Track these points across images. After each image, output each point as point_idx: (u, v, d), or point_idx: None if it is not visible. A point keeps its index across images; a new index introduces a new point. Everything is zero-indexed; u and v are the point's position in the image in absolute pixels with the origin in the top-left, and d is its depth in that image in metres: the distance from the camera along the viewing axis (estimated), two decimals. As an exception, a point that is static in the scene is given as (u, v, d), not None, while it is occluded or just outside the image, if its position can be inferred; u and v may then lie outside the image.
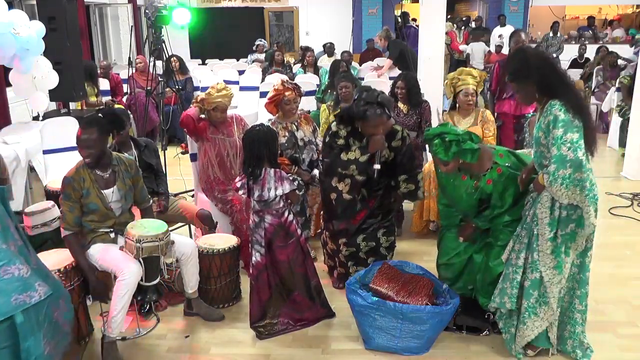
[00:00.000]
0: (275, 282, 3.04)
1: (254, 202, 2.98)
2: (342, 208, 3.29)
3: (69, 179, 2.84)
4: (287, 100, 3.82)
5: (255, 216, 3.00)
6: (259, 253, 2.99)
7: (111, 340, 2.76)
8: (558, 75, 2.52)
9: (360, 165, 3.21)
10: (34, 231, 3.38)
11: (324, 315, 3.14)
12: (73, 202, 2.83)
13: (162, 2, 5.29)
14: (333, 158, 3.28)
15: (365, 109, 3.10)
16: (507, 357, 2.81)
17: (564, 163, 2.38)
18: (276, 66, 8.44)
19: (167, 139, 5.32)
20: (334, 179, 3.28)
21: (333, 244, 3.41)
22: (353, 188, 3.26)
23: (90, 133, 2.82)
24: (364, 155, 3.21)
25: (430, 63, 5.72)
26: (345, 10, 12.60)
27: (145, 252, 2.77)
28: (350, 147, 3.24)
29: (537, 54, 2.60)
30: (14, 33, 4.36)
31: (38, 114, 5.82)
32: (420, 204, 4.16)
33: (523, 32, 5.01)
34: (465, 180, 2.93)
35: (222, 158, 3.76)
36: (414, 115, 4.40)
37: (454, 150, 2.77)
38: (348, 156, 3.22)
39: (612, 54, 8.97)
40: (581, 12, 14.45)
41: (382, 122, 3.14)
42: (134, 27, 9.21)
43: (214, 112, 3.74)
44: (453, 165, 2.84)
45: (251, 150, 2.92)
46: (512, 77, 2.61)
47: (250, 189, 2.94)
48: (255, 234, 3.00)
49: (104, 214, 2.92)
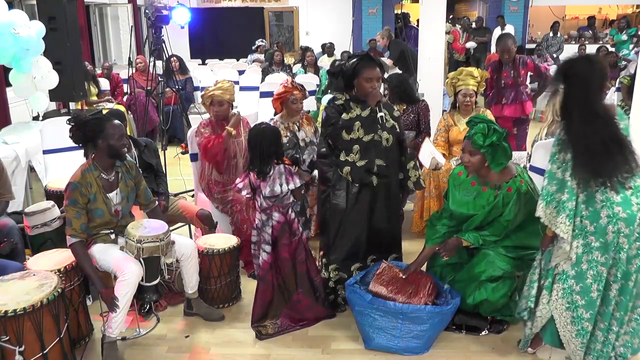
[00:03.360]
0: (278, 282, 3.05)
1: (261, 200, 2.97)
2: (359, 176, 3.00)
3: (75, 184, 2.79)
4: (294, 99, 3.85)
5: (262, 215, 3.00)
6: (265, 252, 3.00)
7: (111, 340, 2.75)
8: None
9: (365, 120, 2.99)
10: (34, 231, 3.38)
11: (324, 316, 3.14)
12: (80, 208, 2.79)
13: (162, 2, 5.30)
14: (335, 121, 3.00)
15: (355, 62, 3.00)
16: (507, 357, 2.82)
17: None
18: (276, 66, 8.44)
19: (167, 139, 5.32)
20: (341, 154, 3.02)
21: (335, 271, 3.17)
22: (365, 152, 2.99)
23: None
24: (365, 110, 3.02)
25: (430, 63, 5.71)
26: (345, 10, 12.60)
27: (146, 253, 2.77)
28: (350, 109, 3.03)
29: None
30: (14, 33, 4.36)
31: (38, 114, 5.82)
32: (421, 204, 4.16)
33: (510, 39, 4.96)
34: (486, 191, 2.89)
35: (229, 160, 3.77)
36: (411, 114, 4.39)
37: (492, 139, 2.75)
38: (350, 115, 3.01)
39: (612, 54, 8.98)
40: (581, 12, 14.45)
41: (376, 74, 3.00)
42: (134, 27, 9.21)
43: (212, 106, 3.75)
44: (479, 159, 2.82)
45: (260, 147, 2.91)
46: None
47: (256, 187, 2.94)
48: (262, 233, 3.01)
49: (108, 220, 2.91)
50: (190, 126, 4.58)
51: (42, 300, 2.43)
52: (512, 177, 2.85)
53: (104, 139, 2.82)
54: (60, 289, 2.56)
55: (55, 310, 2.50)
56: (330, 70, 3.15)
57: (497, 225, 2.86)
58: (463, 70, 4.13)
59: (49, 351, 2.48)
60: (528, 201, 2.80)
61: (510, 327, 3.02)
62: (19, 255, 3.24)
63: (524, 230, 2.86)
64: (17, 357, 2.37)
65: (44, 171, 4.47)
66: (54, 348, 2.50)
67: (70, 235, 2.80)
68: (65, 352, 2.57)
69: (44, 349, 2.46)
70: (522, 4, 12.81)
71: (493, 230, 2.86)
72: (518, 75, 4.82)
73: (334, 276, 3.14)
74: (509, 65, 4.85)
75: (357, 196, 3.05)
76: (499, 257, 2.85)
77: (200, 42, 13.05)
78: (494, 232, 2.86)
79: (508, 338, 2.95)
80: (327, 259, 3.15)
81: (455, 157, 4.06)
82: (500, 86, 4.87)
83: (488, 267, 2.84)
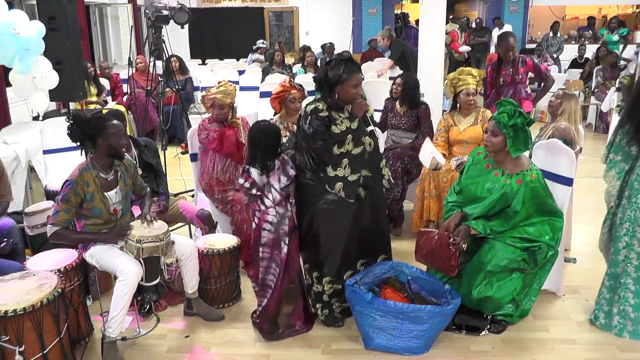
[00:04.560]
0: (286, 283, 2.98)
1: (274, 195, 2.93)
2: (353, 192, 2.92)
3: (72, 182, 2.79)
4: (293, 98, 3.85)
5: (279, 208, 2.94)
6: (286, 246, 2.94)
7: (111, 340, 2.75)
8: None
9: (355, 132, 2.92)
10: (34, 231, 3.38)
11: (303, 323, 3.06)
12: (71, 206, 2.80)
13: (162, 2, 5.30)
14: (327, 136, 2.88)
15: (342, 68, 2.88)
16: (507, 357, 2.82)
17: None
18: (276, 66, 8.44)
19: (167, 139, 5.32)
20: (328, 169, 2.91)
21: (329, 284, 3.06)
22: (354, 165, 2.92)
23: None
24: (353, 122, 2.94)
25: (430, 63, 5.72)
26: (345, 10, 12.61)
27: (146, 253, 2.77)
28: (336, 120, 2.93)
29: None
30: (14, 33, 4.36)
31: (38, 114, 5.82)
32: (420, 204, 4.16)
33: (512, 37, 4.95)
34: (497, 177, 3.00)
35: (230, 161, 3.77)
36: (412, 116, 4.40)
37: (517, 121, 2.88)
38: (340, 128, 2.92)
39: (612, 54, 8.98)
40: (581, 12, 14.45)
41: (360, 80, 2.94)
42: (134, 27, 9.21)
43: (213, 109, 3.76)
44: (500, 141, 2.94)
45: (266, 143, 2.92)
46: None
47: (263, 185, 2.93)
48: (280, 227, 2.94)
49: (106, 218, 2.91)
50: (190, 126, 4.58)
51: (42, 300, 2.43)
52: (523, 170, 2.94)
53: (104, 138, 2.82)
54: (60, 289, 2.56)
55: (55, 310, 2.50)
56: (315, 78, 3.05)
57: (505, 216, 2.94)
58: (463, 70, 4.14)
59: (49, 351, 2.48)
60: (535, 195, 2.90)
61: (510, 327, 3.02)
62: (19, 255, 3.24)
63: (531, 223, 2.94)
64: (17, 357, 2.37)
65: (44, 171, 4.47)
66: (54, 348, 2.50)
67: (52, 224, 2.79)
68: (65, 352, 2.57)
69: (44, 349, 2.46)
70: (522, 4, 12.82)
71: (500, 221, 2.95)
72: (517, 74, 4.82)
73: (329, 289, 3.02)
74: (509, 63, 4.85)
75: (345, 208, 2.95)
76: (505, 247, 2.90)
77: (200, 42, 13.05)
78: (501, 222, 2.94)
79: (508, 338, 2.95)
80: (320, 272, 3.02)
81: (456, 157, 4.06)
82: (499, 84, 4.87)
83: (494, 256, 2.89)
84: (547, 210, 2.96)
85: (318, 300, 3.07)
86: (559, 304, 3.29)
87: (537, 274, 3.03)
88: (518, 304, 3.00)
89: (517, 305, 3.00)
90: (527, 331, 3.01)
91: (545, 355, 2.81)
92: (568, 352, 2.84)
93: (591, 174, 5.98)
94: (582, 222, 4.42)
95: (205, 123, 3.83)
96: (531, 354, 2.83)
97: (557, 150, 3.36)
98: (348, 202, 2.94)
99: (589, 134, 7.86)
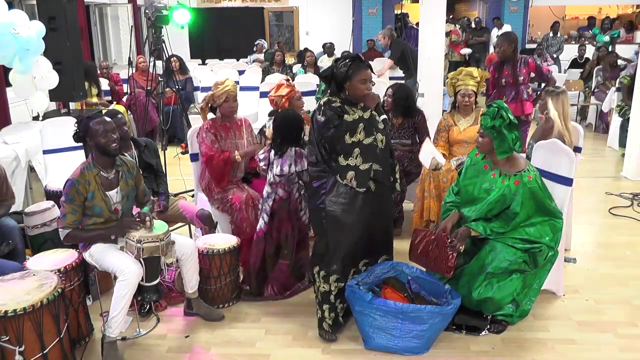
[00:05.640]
0: (270, 252, 3.36)
1: (271, 174, 3.30)
2: (364, 181, 2.90)
3: (73, 181, 2.80)
4: (298, 96, 4.01)
5: (268, 187, 3.34)
6: (263, 221, 3.35)
7: (111, 340, 2.75)
8: None
9: (367, 122, 2.93)
10: (34, 231, 3.38)
11: (298, 287, 3.45)
12: (77, 205, 2.80)
13: (162, 2, 5.30)
14: (338, 123, 2.89)
15: (348, 64, 2.91)
16: (507, 357, 2.82)
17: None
18: (276, 66, 8.44)
19: (167, 139, 5.33)
20: (340, 158, 2.90)
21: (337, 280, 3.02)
22: (365, 155, 2.90)
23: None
24: (366, 112, 2.97)
25: (430, 63, 5.72)
26: (345, 10, 12.61)
27: (146, 253, 2.77)
28: (348, 112, 2.95)
29: None
30: (14, 33, 4.36)
31: (38, 114, 5.82)
32: (420, 204, 4.16)
33: (513, 33, 4.96)
34: (494, 177, 3.00)
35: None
36: (408, 127, 4.36)
37: (495, 123, 2.87)
38: (352, 117, 2.94)
39: (612, 53, 8.98)
40: (581, 12, 14.46)
41: (369, 75, 2.96)
42: (134, 27, 9.22)
43: (226, 103, 3.70)
44: (487, 142, 2.95)
45: (291, 129, 3.30)
46: None
47: (271, 162, 3.30)
48: (264, 204, 3.37)
49: (107, 217, 2.91)
50: (190, 126, 4.59)
51: (42, 300, 2.43)
52: (520, 171, 2.94)
53: (91, 138, 2.85)
54: (60, 289, 2.56)
55: (55, 310, 2.50)
56: (322, 74, 3.08)
57: (505, 217, 2.95)
58: (463, 70, 4.15)
59: (49, 351, 2.48)
60: (533, 196, 2.90)
61: (510, 327, 3.03)
62: (19, 255, 3.25)
63: (531, 223, 2.95)
64: (17, 357, 2.37)
65: (44, 171, 4.47)
66: (54, 348, 2.50)
67: (63, 227, 2.81)
68: (65, 352, 2.57)
69: (44, 349, 2.46)
70: (522, 4, 12.82)
71: (501, 222, 2.96)
72: (519, 74, 4.82)
73: (334, 288, 2.96)
74: (510, 64, 4.85)
75: (355, 203, 2.94)
76: (505, 249, 2.91)
77: (200, 42, 13.05)
78: (501, 224, 2.95)
79: (508, 338, 2.96)
80: (327, 270, 2.95)
81: (456, 157, 4.06)
82: (501, 84, 4.87)
83: (494, 257, 2.90)
84: (546, 211, 2.96)
85: (325, 301, 2.99)
86: (559, 304, 3.29)
87: (537, 274, 3.03)
88: (518, 304, 3.00)
89: (517, 305, 3.00)
90: (527, 331, 3.02)
91: (545, 355, 2.81)
92: (568, 352, 2.84)
93: (591, 174, 6.00)
94: (582, 222, 4.43)
95: (202, 131, 3.70)
96: (531, 354, 2.83)
97: (557, 150, 3.36)
98: (357, 202, 2.92)
99: (589, 134, 7.86)
